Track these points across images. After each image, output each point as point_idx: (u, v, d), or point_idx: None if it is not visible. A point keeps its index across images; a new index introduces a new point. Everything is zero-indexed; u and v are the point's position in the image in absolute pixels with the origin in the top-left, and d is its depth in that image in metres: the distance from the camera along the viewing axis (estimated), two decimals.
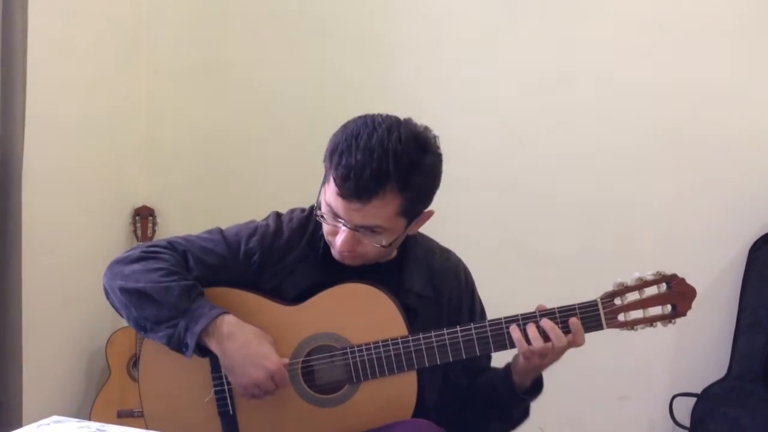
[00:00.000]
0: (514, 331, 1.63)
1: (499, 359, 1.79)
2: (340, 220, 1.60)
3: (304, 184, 1.96)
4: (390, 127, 1.56)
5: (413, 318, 1.71)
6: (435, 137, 1.62)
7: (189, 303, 1.60)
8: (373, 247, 1.62)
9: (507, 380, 1.71)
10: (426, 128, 1.62)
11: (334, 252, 1.67)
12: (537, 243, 2.85)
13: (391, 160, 1.52)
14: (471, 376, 1.79)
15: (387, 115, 1.61)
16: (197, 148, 3.21)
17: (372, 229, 1.60)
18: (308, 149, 1.81)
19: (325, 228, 1.66)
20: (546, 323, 1.63)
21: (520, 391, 1.71)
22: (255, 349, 1.61)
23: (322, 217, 1.64)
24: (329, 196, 1.60)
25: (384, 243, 1.61)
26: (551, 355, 1.63)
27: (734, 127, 2.68)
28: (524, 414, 1.78)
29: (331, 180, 1.58)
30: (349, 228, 1.59)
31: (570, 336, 1.63)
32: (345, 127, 1.60)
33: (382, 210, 1.57)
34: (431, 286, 1.75)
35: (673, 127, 2.73)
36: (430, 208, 1.68)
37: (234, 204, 3.04)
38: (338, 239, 1.61)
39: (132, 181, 3.20)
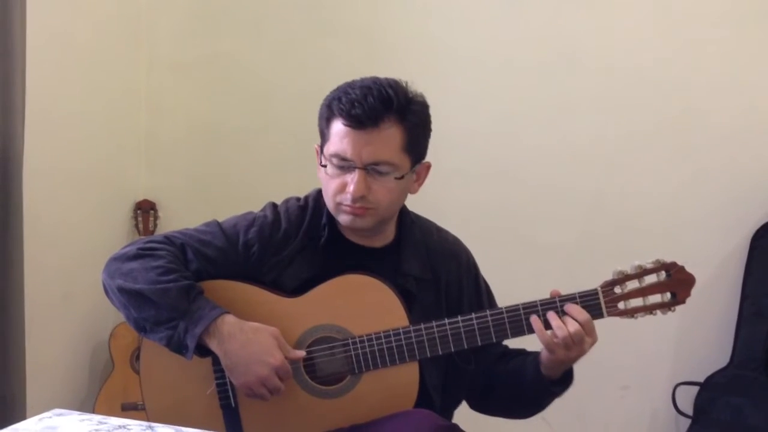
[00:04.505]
0: (535, 322, 1.63)
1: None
2: (349, 161, 1.62)
3: (305, 178, 1.96)
4: (375, 76, 1.68)
5: (411, 302, 1.71)
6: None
7: (188, 304, 1.60)
8: (384, 190, 1.63)
9: (536, 370, 1.71)
10: None
11: (344, 216, 1.66)
12: (537, 233, 2.84)
13: (389, 89, 1.63)
14: (480, 360, 1.79)
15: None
16: (198, 142, 3.21)
17: (380, 169, 1.62)
18: (308, 143, 1.81)
19: (332, 188, 1.66)
20: (569, 307, 1.63)
21: (549, 382, 1.70)
22: (256, 347, 1.60)
23: (327, 173, 1.65)
24: (334, 144, 1.63)
25: (397, 175, 1.63)
26: (576, 348, 1.62)
27: (736, 115, 2.67)
28: (552, 400, 1.77)
29: (334, 126, 1.63)
30: (360, 168, 1.61)
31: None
32: (333, 89, 1.69)
33: (389, 140, 1.62)
34: (429, 268, 1.76)
35: (674, 116, 2.72)
36: (426, 160, 1.72)
37: (235, 197, 3.02)
38: (350, 185, 1.62)
39: (133, 175, 3.21)
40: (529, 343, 1.78)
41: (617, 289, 1.66)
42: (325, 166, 1.66)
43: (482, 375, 1.80)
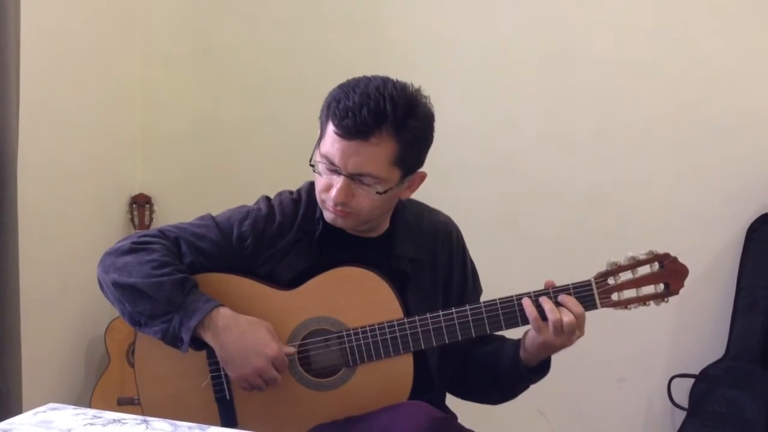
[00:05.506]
0: (526, 300, 1.64)
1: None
2: (335, 167, 1.61)
3: (301, 171, 1.96)
4: (384, 79, 1.64)
5: (406, 283, 1.72)
6: (426, 97, 1.66)
7: (182, 297, 1.60)
8: (367, 199, 1.63)
9: (514, 355, 1.71)
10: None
11: (327, 213, 1.67)
12: (535, 226, 2.85)
13: (388, 102, 1.58)
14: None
15: (378, 75, 1.66)
16: (193, 135, 3.20)
17: (364, 180, 1.61)
18: (305, 136, 1.80)
19: (319, 185, 1.66)
20: (564, 298, 1.63)
21: (525, 368, 1.71)
22: (252, 338, 1.61)
23: (316, 171, 1.65)
24: (325, 145, 1.62)
25: (379, 190, 1.62)
26: (564, 335, 1.62)
27: (732, 109, 2.67)
28: (524, 388, 1.79)
29: (328, 127, 1.61)
30: (344, 175, 1.60)
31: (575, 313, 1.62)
32: (339, 85, 1.65)
33: (378, 154, 1.59)
34: (423, 248, 1.77)
35: (670, 110, 2.73)
36: (422, 169, 1.69)
37: (231, 191, 3.01)
38: (333, 190, 1.62)
39: (128, 169, 3.20)
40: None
41: (610, 281, 1.66)
42: (313, 166, 1.66)
43: (460, 356, 1.81)
